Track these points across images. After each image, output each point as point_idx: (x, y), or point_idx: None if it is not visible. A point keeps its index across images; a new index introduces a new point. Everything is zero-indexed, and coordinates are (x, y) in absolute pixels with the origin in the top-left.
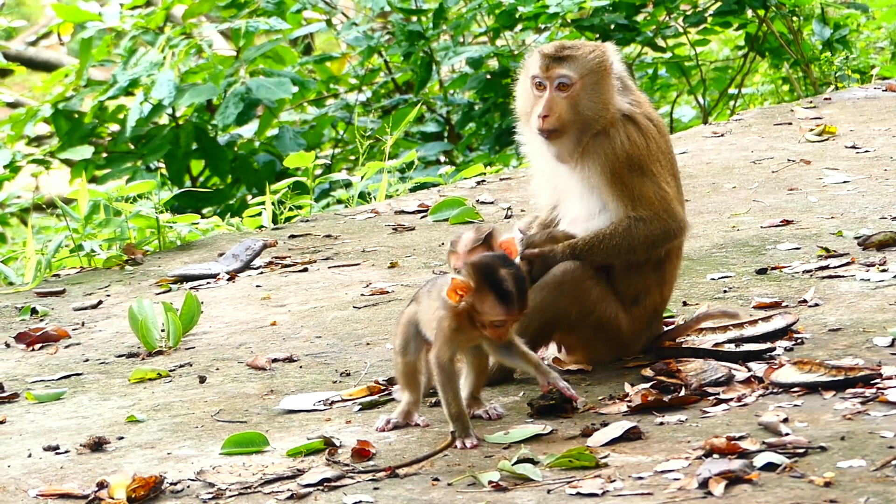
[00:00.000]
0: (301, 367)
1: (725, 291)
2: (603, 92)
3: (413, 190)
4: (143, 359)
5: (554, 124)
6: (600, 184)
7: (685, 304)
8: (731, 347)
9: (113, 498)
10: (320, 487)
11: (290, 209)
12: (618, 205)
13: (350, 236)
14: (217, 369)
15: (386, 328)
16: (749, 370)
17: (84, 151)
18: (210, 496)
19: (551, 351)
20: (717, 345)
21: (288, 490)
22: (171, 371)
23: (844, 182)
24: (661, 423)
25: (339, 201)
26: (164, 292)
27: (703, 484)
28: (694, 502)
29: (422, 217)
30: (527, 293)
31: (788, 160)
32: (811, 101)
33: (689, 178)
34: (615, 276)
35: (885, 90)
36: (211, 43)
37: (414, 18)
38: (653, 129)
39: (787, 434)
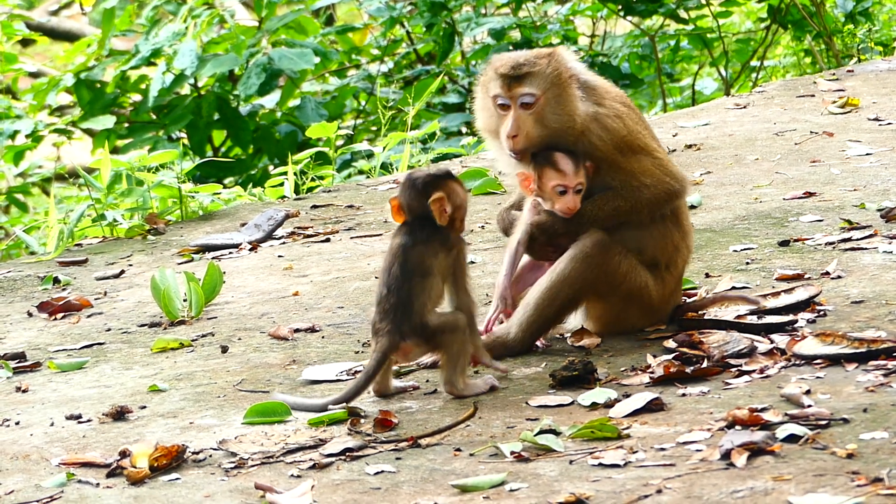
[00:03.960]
0: (323, 337)
1: (748, 263)
2: (566, 102)
3: (435, 161)
4: (165, 328)
5: (524, 143)
6: (599, 176)
7: (707, 275)
8: (753, 319)
9: (135, 467)
10: (342, 457)
11: (312, 179)
12: (621, 183)
13: (372, 207)
14: (239, 339)
15: None
16: (771, 342)
17: (106, 121)
18: (232, 465)
19: (571, 325)
20: (739, 316)
21: (310, 460)
22: (193, 341)
23: (867, 154)
24: (684, 395)
25: (361, 172)
26: (186, 262)
27: (726, 455)
28: (716, 473)
29: None
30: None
31: (811, 132)
32: (834, 74)
33: (711, 150)
34: (646, 246)
35: None
36: (233, 13)
37: None
38: (624, 109)
39: (809, 406)
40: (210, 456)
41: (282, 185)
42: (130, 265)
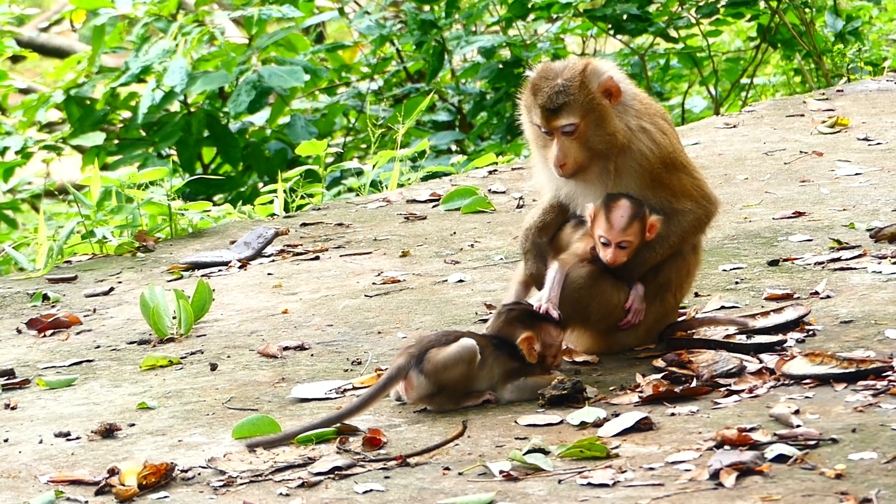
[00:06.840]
0: (312, 355)
1: (737, 283)
2: (607, 123)
3: (425, 179)
4: (154, 346)
5: (573, 168)
6: (641, 190)
7: (697, 294)
8: (742, 339)
9: (124, 485)
10: (331, 475)
11: (302, 197)
12: (661, 202)
13: (362, 225)
14: (228, 357)
15: (397, 317)
16: (761, 361)
17: (96, 138)
18: (221, 483)
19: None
20: (728, 336)
21: (299, 478)
22: (182, 358)
23: (857, 174)
24: (673, 414)
25: (351, 190)
26: (175, 279)
27: (714, 475)
28: (705, 493)
29: (433, 206)
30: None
31: (801, 152)
32: (823, 93)
33: (701, 170)
34: (664, 266)
35: None
36: (223, 30)
37: (426, 7)
38: (667, 126)
39: (798, 426)
40: (199, 474)
41: (271, 202)
42: (120, 282)
